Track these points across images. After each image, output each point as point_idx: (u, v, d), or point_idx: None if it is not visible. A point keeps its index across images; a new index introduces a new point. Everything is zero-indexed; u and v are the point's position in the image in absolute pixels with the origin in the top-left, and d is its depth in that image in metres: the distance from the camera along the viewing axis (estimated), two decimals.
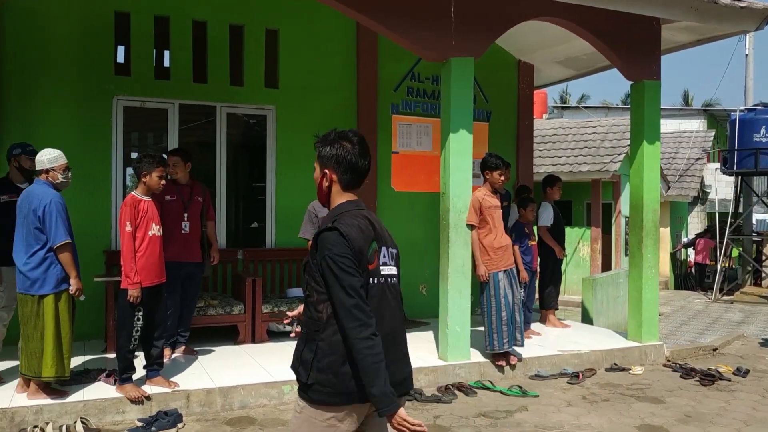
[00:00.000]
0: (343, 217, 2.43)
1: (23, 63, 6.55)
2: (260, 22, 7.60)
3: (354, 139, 2.57)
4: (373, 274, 2.40)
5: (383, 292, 2.43)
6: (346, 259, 2.30)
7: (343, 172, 2.52)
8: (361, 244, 2.36)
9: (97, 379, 5.10)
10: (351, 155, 2.53)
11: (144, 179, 4.93)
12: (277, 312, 6.62)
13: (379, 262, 2.43)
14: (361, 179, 2.56)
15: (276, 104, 7.63)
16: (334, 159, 2.53)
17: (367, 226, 2.44)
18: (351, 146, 2.55)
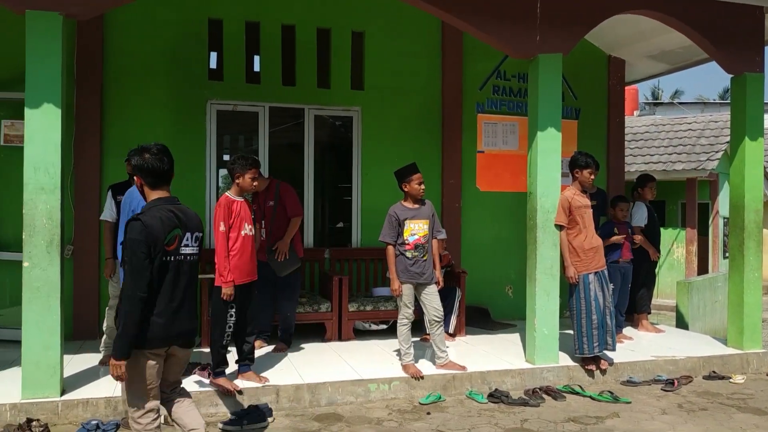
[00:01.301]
0: (150, 210, 3.24)
1: (123, 71, 6.91)
2: (347, 24, 7.71)
3: (153, 150, 3.31)
4: (171, 253, 3.22)
5: (179, 266, 3.26)
6: (141, 243, 3.10)
7: (146, 176, 3.31)
8: (158, 231, 3.15)
9: (193, 372, 5.30)
10: (149, 163, 3.28)
11: (237, 180, 5.09)
12: (363, 310, 6.71)
13: (179, 245, 3.25)
14: (163, 180, 3.34)
15: (362, 105, 7.72)
16: (138, 167, 3.31)
17: (170, 218, 3.23)
18: (150, 156, 3.29)
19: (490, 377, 5.57)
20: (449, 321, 6.67)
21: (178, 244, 3.25)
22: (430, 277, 5.53)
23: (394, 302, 6.78)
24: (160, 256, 3.17)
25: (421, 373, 5.40)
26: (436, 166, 7.79)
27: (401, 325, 5.53)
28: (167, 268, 3.22)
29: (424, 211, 5.56)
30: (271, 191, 6.15)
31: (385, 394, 5.27)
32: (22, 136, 6.20)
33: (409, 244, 5.46)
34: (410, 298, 5.51)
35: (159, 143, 3.42)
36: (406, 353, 5.51)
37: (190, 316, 3.38)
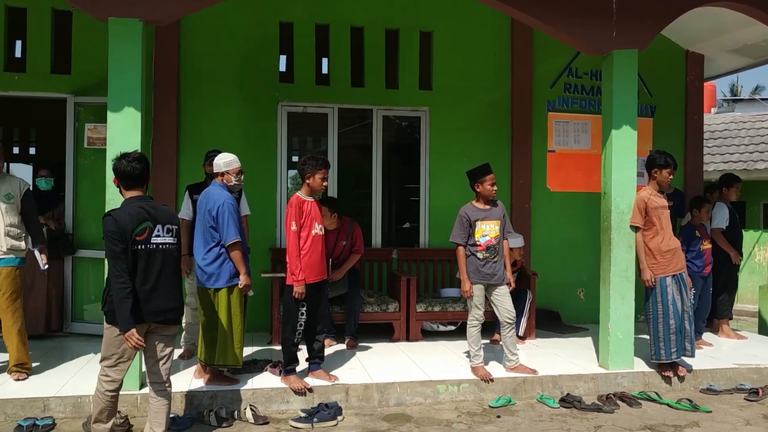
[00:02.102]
0: (122, 206, 3.89)
1: (198, 75, 7.11)
2: (415, 25, 7.70)
3: (129, 158, 3.93)
4: (142, 242, 3.79)
5: (150, 255, 3.82)
6: (113, 233, 3.70)
7: (121, 179, 3.94)
8: (126, 224, 3.74)
9: (264, 370, 5.41)
10: (123, 168, 3.90)
11: (308, 181, 5.14)
12: (431, 311, 6.70)
13: (150, 235, 3.82)
14: (136, 182, 3.93)
15: (430, 106, 7.70)
16: (114, 171, 3.95)
17: (139, 212, 3.82)
18: (125, 162, 3.90)
19: (562, 381, 5.44)
20: (519, 324, 6.57)
21: (149, 234, 3.83)
22: (501, 278, 5.46)
23: (462, 303, 6.73)
24: (130, 245, 3.76)
25: (490, 375, 5.33)
26: (505, 166, 7.69)
27: (471, 327, 5.47)
28: (138, 256, 3.79)
29: (495, 212, 5.49)
30: (344, 231, 6.45)
31: (454, 395, 5.23)
32: (104, 138, 6.46)
33: (480, 245, 5.40)
34: (481, 300, 5.45)
35: (138, 152, 4.07)
36: (475, 355, 5.45)
37: (167, 298, 3.88)
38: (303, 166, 5.17)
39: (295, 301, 4.98)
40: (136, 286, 3.76)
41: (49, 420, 4.49)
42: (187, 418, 4.59)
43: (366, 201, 7.85)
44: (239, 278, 4.91)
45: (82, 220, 6.84)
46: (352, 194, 9.53)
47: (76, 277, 6.82)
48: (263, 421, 4.62)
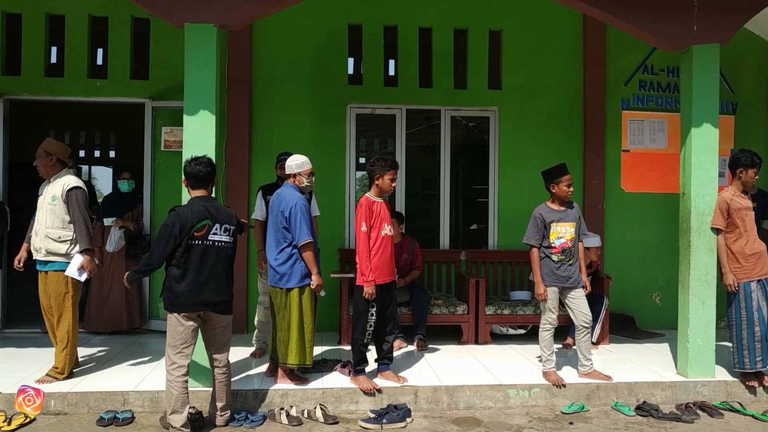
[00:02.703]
0: (188, 204, 4.36)
1: (269, 78, 7.24)
2: (484, 24, 7.62)
3: (197, 160, 4.42)
4: (199, 238, 4.26)
5: (205, 250, 4.28)
6: (170, 228, 4.21)
7: (188, 179, 4.43)
8: (187, 219, 4.22)
9: (334, 369, 5.45)
10: (190, 170, 4.39)
11: (377, 181, 5.15)
12: (500, 314, 6.61)
13: (208, 232, 4.29)
14: (201, 183, 4.41)
15: (499, 105, 7.59)
16: (184, 172, 4.43)
17: (201, 210, 4.28)
18: (194, 164, 4.39)
19: (638, 389, 5.26)
20: (593, 329, 6.39)
21: (207, 231, 4.29)
22: (576, 281, 5.32)
23: (532, 307, 6.61)
24: (188, 239, 4.21)
25: (563, 380, 5.20)
26: (578, 166, 7.50)
27: (544, 331, 5.36)
28: (193, 249, 4.24)
29: (571, 214, 5.36)
30: (406, 246, 6.62)
31: (525, 400, 5.13)
32: (179, 141, 6.70)
33: (555, 247, 5.28)
34: (555, 303, 5.33)
35: (206, 156, 4.51)
36: (547, 360, 5.33)
37: (218, 291, 4.33)
38: (372, 167, 5.18)
39: (365, 301, 5.00)
40: (189, 278, 4.24)
41: (129, 413, 4.65)
42: (258, 416, 4.67)
43: (433, 202, 7.81)
44: (311, 278, 4.96)
45: (159, 221, 7.06)
46: (419, 195, 9.51)
47: (153, 276, 7.04)
48: (333, 420, 4.65)
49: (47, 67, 7.16)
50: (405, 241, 6.65)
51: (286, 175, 5.15)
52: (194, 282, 4.25)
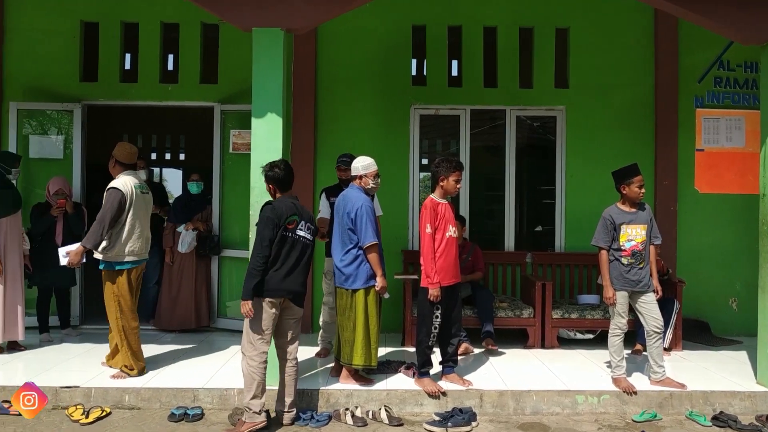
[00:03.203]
0: (278, 200, 4.58)
1: (334, 80, 7.30)
2: (550, 22, 7.48)
3: (280, 166, 4.63)
4: (290, 231, 4.49)
5: (294, 243, 4.51)
6: (270, 219, 4.42)
7: (275, 183, 4.62)
8: (282, 212, 4.46)
9: (398, 371, 5.44)
10: (278, 176, 4.60)
11: (441, 183, 5.11)
12: (567, 318, 6.46)
13: (296, 227, 4.52)
14: (286, 185, 4.63)
15: (566, 104, 7.43)
16: (271, 177, 4.62)
17: (290, 207, 4.53)
18: (279, 170, 4.60)
19: (714, 398, 5.04)
20: (665, 334, 6.17)
21: (295, 226, 4.52)
22: (647, 285, 5.15)
23: (601, 311, 6.44)
24: (282, 230, 4.44)
25: (634, 387, 5.04)
26: (649, 167, 7.25)
27: (613, 336, 5.21)
28: (285, 241, 4.47)
29: (642, 216, 5.19)
30: (467, 249, 6.59)
31: (594, 407, 4.99)
32: (247, 144, 6.82)
33: (625, 250, 5.13)
34: (624, 308, 5.17)
35: (283, 160, 4.74)
36: (617, 366, 5.17)
37: (297, 282, 4.54)
38: (437, 168, 5.14)
39: (430, 303, 4.97)
40: (277, 266, 4.46)
41: (198, 410, 4.76)
42: (324, 415, 4.71)
43: (496, 203, 7.71)
44: (376, 280, 4.97)
45: (227, 221, 7.23)
46: (483, 197, 9.41)
47: (221, 276, 7.21)
48: (398, 422, 4.64)
49: (122, 73, 7.42)
50: (466, 244, 6.60)
51: (351, 177, 5.18)
52: (282, 269, 4.46)
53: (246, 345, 4.50)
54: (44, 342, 6.34)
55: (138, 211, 5.27)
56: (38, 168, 7.11)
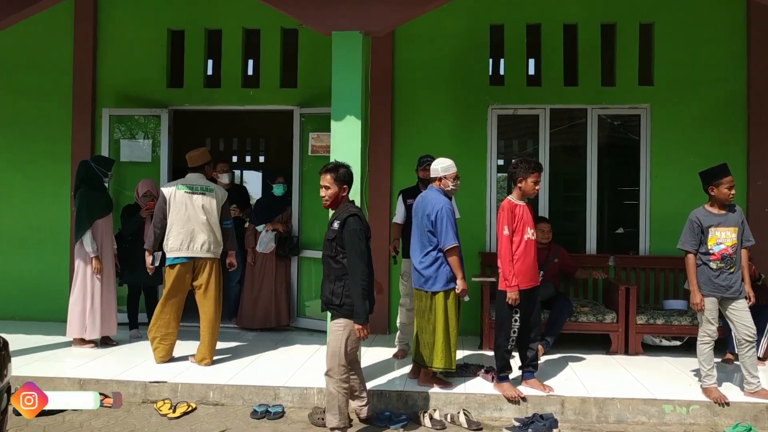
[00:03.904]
0: (356, 208, 4.32)
1: (410, 81, 7.29)
2: (633, 17, 7.23)
3: (348, 165, 4.42)
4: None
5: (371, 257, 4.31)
6: (362, 231, 4.18)
7: (349, 187, 4.40)
8: (365, 223, 4.26)
9: (476, 375, 5.38)
10: (349, 178, 4.40)
11: (519, 184, 5.03)
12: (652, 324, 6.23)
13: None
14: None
15: (651, 102, 7.17)
16: (348, 179, 4.38)
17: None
18: (347, 170, 4.39)
19: None
20: (759, 343, 5.85)
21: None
22: (737, 291, 4.90)
23: (689, 317, 6.17)
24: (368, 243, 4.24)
25: (726, 398, 4.80)
26: (740, 166, 6.89)
27: (702, 344, 4.98)
28: (370, 256, 4.30)
29: (732, 218, 4.95)
30: (552, 250, 6.45)
31: (682, 417, 4.79)
32: (325, 146, 6.92)
33: (714, 254, 4.90)
34: (713, 314, 4.93)
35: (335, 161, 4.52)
36: (707, 375, 4.94)
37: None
38: (515, 169, 5.07)
39: (509, 307, 4.89)
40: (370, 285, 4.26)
41: (279, 408, 4.86)
42: (402, 417, 4.71)
43: (575, 205, 7.52)
44: (456, 282, 4.94)
45: (306, 223, 7.36)
46: (561, 198, 9.20)
47: (301, 276, 7.34)
48: (477, 427, 4.59)
49: (206, 78, 7.67)
50: (551, 248, 6.47)
51: (430, 179, 5.16)
52: (369, 286, 4.27)
53: (337, 368, 4.23)
54: (133, 338, 6.62)
55: (179, 210, 5.62)
56: (128, 171, 7.44)
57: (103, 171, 6.26)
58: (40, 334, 6.67)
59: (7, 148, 7.69)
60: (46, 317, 7.40)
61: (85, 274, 6.13)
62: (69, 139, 7.56)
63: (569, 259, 6.59)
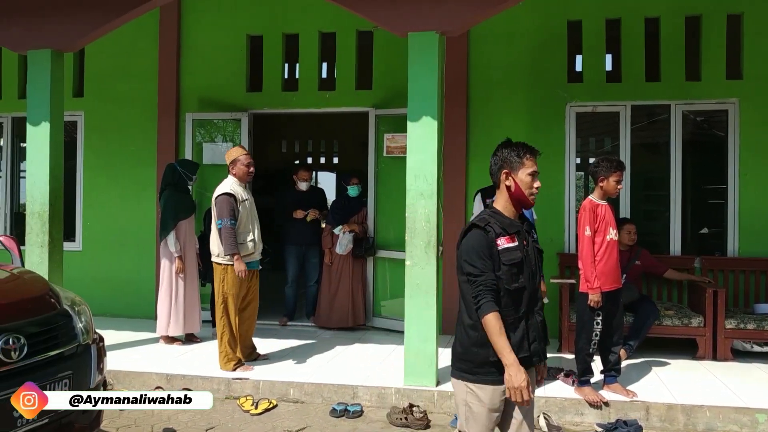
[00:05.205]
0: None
1: (485, 81, 7.21)
2: (720, 9, 6.92)
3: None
4: None
5: None
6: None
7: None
8: None
9: (556, 378, 5.28)
10: None
11: (601, 184, 4.91)
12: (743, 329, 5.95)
13: None
14: None
15: (739, 97, 6.85)
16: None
17: None
18: None
19: None
20: None
21: None
22: None
23: None
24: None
25: None
26: None
27: None
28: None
29: None
30: (633, 253, 6.23)
31: None
32: (400, 147, 6.96)
33: None
34: None
35: None
36: None
37: None
38: (596, 168, 4.96)
39: (590, 309, 4.78)
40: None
41: (358, 407, 4.91)
42: None
43: (657, 204, 7.26)
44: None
45: (381, 224, 7.40)
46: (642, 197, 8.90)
47: (376, 276, 7.39)
48: (557, 431, 4.50)
49: (283, 82, 7.84)
50: (633, 248, 6.27)
51: None
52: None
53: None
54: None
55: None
56: (210, 173, 7.68)
57: (188, 174, 6.49)
58: (129, 330, 6.97)
59: (96, 153, 8.08)
60: (134, 314, 7.74)
61: (171, 273, 6.37)
62: (154, 144, 7.87)
63: (653, 260, 6.37)
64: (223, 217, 5.46)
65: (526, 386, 2.60)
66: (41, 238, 5.90)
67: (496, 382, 2.72)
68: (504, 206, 2.94)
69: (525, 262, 2.82)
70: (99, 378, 3.58)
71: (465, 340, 2.81)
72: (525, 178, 2.89)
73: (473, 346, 2.77)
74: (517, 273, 2.78)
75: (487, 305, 2.68)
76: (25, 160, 6.70)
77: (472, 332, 2.77)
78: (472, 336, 2.78)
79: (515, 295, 2.77)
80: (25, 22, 5.96)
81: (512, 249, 2.79)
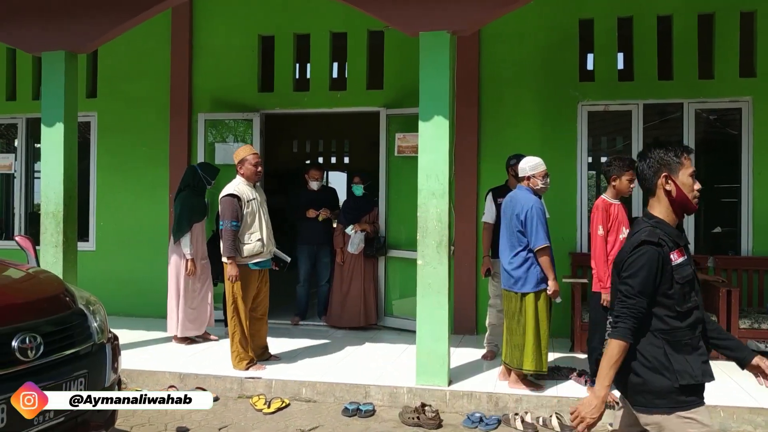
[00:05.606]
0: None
1: (496, 80, 7.20)
2: (733, 6, 6.87)
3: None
4: None
5: None
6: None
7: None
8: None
9: (569, 378, 5.27)
10: None
11: (614, 183, 4.91)
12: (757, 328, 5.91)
13: None
14: None
15: (753, 95, 6.80)
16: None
17: None
18: None
19: None
20: None
21: None
22: None
23: None
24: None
25: None
26: None
27: None
28: None
29: None
30: None
31: None
32: (411, 147, 6.95)
33: None
34: None
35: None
36: None
37: None
38: (608, 167, 4.96)
39: (603, 309, 4.76)
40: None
41: (370, 406, 4.92)
42: (493, 419, 4.68)
43: None
44: (547, 283, 4.85)
45: (393, 224, 7.41)
46: None
47: (388, 276, 7.40)
48: (570, 430, 4.50)
49: (295, 82, 7.86)
50: None
51: (519, 178, 5.10)
52: None
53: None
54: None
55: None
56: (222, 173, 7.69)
57: (207, 179, 6.53)
58: (142, 330, 7.02)
59: (110, 153, 8.14)
60: (147, 313, 7.79)
61: (177, 273, 6.40)
62: (166, 144, 7.92)
63: None
64: (225, 218, 5.48)
65: (591, 423, 2.47)
66: (56, 237, 5.96)
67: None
68: (666, 214, 2.62)
69: (695, 277, 2.58)
70: (114, 377, 3.60)
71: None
72: (686, 180, 2.58)
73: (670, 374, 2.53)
74: (689, 291, 2.53)
75: (624, 332, 2.46)
76: (39, 161, 6.77)
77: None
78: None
79: (686, 316, 2.52)
80: (40, 24, 6.02)
81: (684, 264, 2.53)
